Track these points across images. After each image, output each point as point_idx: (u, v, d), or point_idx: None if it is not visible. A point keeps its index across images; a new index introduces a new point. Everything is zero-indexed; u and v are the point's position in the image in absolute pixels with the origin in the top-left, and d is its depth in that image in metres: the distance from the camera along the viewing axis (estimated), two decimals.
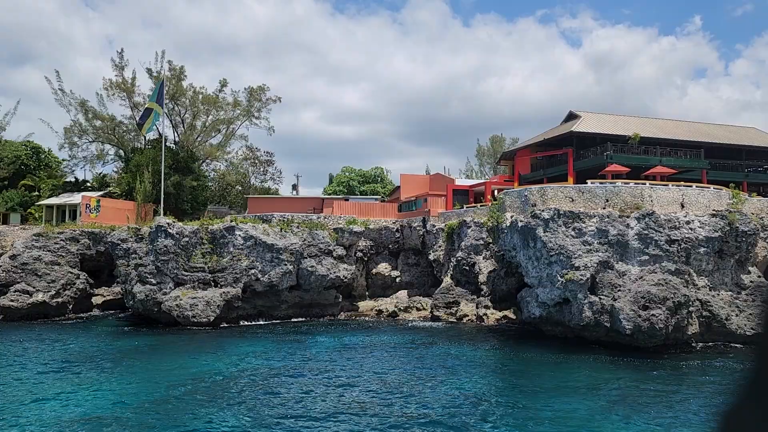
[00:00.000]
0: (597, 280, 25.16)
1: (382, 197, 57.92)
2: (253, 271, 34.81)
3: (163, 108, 37.24)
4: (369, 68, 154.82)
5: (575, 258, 25.33)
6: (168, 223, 32.60)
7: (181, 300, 30.97)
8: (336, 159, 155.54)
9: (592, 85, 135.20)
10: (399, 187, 50.33)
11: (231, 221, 36.19)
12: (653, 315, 23.04)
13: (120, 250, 33.87)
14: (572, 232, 26.07)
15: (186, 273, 32.71)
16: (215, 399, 16.45)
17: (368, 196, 57.93)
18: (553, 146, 41.40)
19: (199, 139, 56.38)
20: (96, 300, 38.98)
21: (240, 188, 62.41)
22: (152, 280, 31.61)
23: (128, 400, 16.37)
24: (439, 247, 39.92)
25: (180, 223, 34.09)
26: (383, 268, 43.49)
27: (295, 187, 73.17)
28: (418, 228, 41.76)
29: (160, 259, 31.89)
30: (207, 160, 57.21)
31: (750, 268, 29.36)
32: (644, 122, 42.79)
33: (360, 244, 41.63)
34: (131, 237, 34.08)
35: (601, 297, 24.71)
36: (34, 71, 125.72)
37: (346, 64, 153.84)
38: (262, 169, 64.59)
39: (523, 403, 16.52)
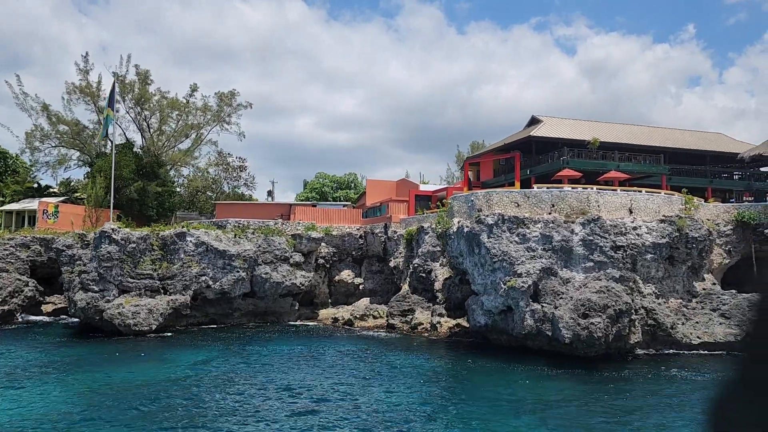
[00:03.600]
0: (540, 287, 24.45)
1: (353, 203, 57.26)
2: (203, 278, 34.02)
3: (114, 111, 36.44)
4: (364, 75, 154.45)
5: (518, 264, 24.64)
6: (113, 229, 31.78)
7: (123, 308, 30.11)
8: (331, 166, 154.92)
9: (587, 93, 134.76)
10: (365, 192, 49.61)
11: (183, 227, 35.40)
12: (592, 323, 22.35)
13: (65, 256, 33.08)
14: (516, 238, 25.39)
15: (132, 280, 31.86)
16: (133, 411, 15.68)
17: (338, 202, 57.22)
18: (513, 151, 40.87)
19: (167, 144, 55.62)
20: (47, 308, 38.06)
21: (211, 194, 61.61)
22: (94, 287, 30.75)
23: (40, 414, 15.61)
24: (400, 253, 39.11)
25: (127, 229, 33.25)
26: (346, 275, 42.60)
27: (270, 193, 72.47)
28: (380, 234, 40.94)
29: (103, 265, 31.05)
30: (175, 166, 56.39)
31: (705, 276, 28.69)
32: (606, 127, 42.29)
33: (322, 250, 40.80)
34: (77, 243, 33.30)
35: (544, 305, 24.01)
36: (28, 78, 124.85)
37: (341, 70, 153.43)
38: (234, 175, 63.84)
39: (452, 414, 15.93)
